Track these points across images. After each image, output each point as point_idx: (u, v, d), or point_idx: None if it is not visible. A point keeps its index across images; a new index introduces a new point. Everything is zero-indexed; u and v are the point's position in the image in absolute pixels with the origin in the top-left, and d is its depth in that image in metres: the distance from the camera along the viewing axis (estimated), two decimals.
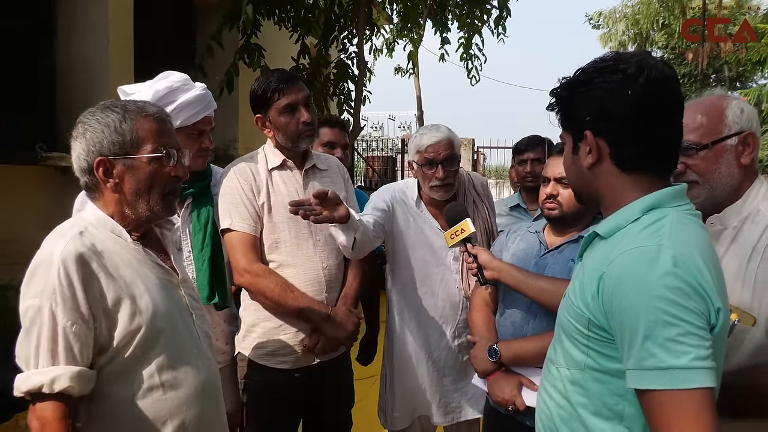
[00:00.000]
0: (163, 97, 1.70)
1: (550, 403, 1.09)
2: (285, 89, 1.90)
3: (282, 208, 1.91)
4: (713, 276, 0.91)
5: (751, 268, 1.22)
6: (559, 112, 1.09)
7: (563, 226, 1.78)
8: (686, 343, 0.84)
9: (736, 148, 1.29)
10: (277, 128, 1.94)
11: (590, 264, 1.03)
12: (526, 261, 1.80)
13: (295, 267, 1.90)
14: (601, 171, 1.03)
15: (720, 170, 1.29)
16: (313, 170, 2.03)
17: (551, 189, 1.75)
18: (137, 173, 1.25)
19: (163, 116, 1.31)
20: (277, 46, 5.04)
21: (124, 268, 1.22)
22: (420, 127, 2.19)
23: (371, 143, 13.81)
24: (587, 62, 1.05)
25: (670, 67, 1.01)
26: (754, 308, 1.20)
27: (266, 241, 1.91)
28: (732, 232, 1.28)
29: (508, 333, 1.80)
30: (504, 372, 1.74)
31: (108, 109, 1.26)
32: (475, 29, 6.39)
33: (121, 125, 1.24)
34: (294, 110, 1.92)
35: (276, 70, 2.06)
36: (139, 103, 1.30)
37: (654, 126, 0.98)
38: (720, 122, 1.29)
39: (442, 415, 2.12)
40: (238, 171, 1.92)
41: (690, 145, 1.29)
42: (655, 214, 0.97)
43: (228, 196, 1.90)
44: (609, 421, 0.98)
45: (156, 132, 1.26)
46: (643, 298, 0.87)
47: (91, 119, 1.26)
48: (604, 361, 0.97)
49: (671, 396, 0.84)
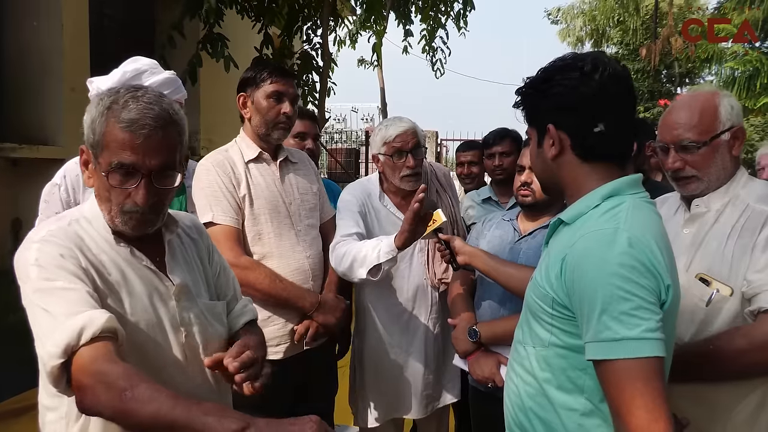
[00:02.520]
0: (130, 79, 1.67)
1: (517, 380, 1.16)
2: (278, 78, 1.93)
3: (263, 200, 1.92)
4: (665, 256, 0.99)
5: (729, 245, 1.34)
6: (524, 109, 1.18)
7: (536, 212, 1.87)
8: (638, 316, 0.93)
9: (728, 142, 1.39)
10: (258, 110, 1.94)
11: (555, 248, 1.10)
12: (502, 247, 1.89)
13: (279, 258, 1.91)
14: (564, 162, 1.11)
15: (716, 164, 1.39)
16: (286, 163, 2.04)
17: (525, 177, 1.84)
18: (97, 178, 1.10)
19: (139, 128, 1.04)
20: (240, 36, 4.97)
21: (110, 267, 1.10)
22: (382, 120, 2.20)
23: (334, 135, 13.75)
24: (548, 61, 1.13)
25: (623, 65, 1.10)
26: (731, 280, 1.31)
27: (249, 233, 1.91)
28: (715, 215, 1.40)
29: (487, 315, 1.89)
30: (483, 351, 1.82)
31: (106, 96, 1.09)
32: (438, 22, 6.46)
33: (96, 122, 1.07)
34: (280, 99, 1.93)
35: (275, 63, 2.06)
36: (131, 104, 1.06)
37: (608, 118, 1.06)
38: (715, 120, 1.38)
39: (422, 408, 2.14)
40: (216, 164, 1.90)
41: (690, 143, 1.38)
42: (614, 200, 1.06)
43: (207, 190, 1.87)
44: (571, 394, 1.05)
45: (120, 143, 1.04)
46: (601, 276, 0.95)
47: (92, 101, 1.12)
48: (567, 338, 1.04)
49: (624, 365, 0.92)
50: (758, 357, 1.24)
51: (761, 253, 1.29)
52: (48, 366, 0.95)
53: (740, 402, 1.31)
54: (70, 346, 0.94)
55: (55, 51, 3.81)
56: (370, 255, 1.82)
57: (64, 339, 0.94)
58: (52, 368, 0.95)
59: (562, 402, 1.06)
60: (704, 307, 1.33)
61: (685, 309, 1.35)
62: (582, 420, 1.04)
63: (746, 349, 1.25)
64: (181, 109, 1.14)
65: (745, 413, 1.31)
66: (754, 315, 1.28)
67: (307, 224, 2.02)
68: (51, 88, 3.94)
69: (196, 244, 1.30)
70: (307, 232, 2.02)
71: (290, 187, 2.02)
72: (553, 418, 1.07)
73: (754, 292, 1.27)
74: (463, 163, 3.02)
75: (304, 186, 2.07)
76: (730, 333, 1.30)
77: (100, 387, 0.92)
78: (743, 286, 1.30)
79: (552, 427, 1.08)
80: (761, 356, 1.24)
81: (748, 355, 1.25)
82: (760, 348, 1.24)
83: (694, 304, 1.35)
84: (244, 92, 1.97)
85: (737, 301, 1.31)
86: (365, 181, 2.23)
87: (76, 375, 0.95)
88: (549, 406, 1.08)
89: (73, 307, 0.98)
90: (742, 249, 1.32)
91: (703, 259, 1.38)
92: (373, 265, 1.81)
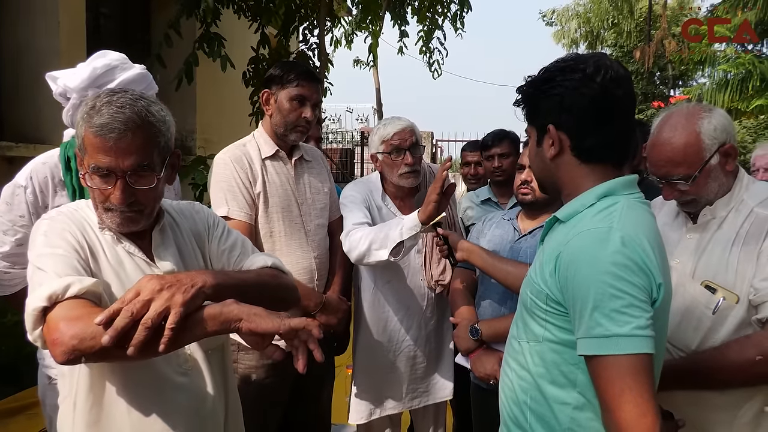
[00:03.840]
0: (101, 75, 1.63)
1: (512, 375, 1.19)
2: (305, 82, 1.95)
3: (276, 198, 1.95)
4: (657, 255, 1.02)
5: (734, 251, 1.33)
6: (525, 108, 1.19)
7: (536, 210, 1.90)
8: (629, 313, 0.95)
9: (720, 162, 1.37)
10: (280, 110, 1.96)
11: (550, 245, 1.13)
12: (502, 246, 1.92)
13: (287, 256, 1.93)
14: (563, 162, 1.13)
15: (712, 186, 1.38)
16: (301, 162, 2.07)
17: (526, 175, 1.86)
18: (86, 178, 1.14)
19: (108, 132, 1.08)
20: (236, 35, 4.98)
21: (107, 252, 1.17)
22: (379, 120, 2.22)
23: (329, 135, 13.75)
24: (550, 62, 1.15)
25: (624, 67, 1.12)
26: (737, 287, 1.31)
27: (261, 230, 1.93)
28: (718, 220, 1.40)
29: (488, 313, 1.91)
30: (485, 349, 1.85)
31: (89, 101, 1.13)
32: (435, 23, 6.48)
33: (78, 126, 1.13)
34: (303, 103, 1.96)
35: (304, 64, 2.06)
36: (104, 110, 1.09)
37: (609, 120, 1.08)
38: (699, 150, 1.35)
39: (408, 400, 2.18)
40: (234, 159, 1.92)
41: (680, 179, 1.37)
42: (609, 200, 1.08)
43: (224, 184, 1.89)
44: (564, 388, 1.08)
45: (94, 147, 1.10)
46: (594, 273, 0.98)
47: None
48: (560, 333, 1.07)
49: (614, 360, 0.95)
50: (767, 368, 1.23)
51: (767, 261, 1.28)
52: (30, 308, 1.02)
53: (744, 405, 1.31)
54: (56, 295, 1.01)
55: (51, 50, 3.81)
56: (393, 233, 1.84)
57: (52, 288, 1.01)
58: (34, 310, 1.01)
59: (555, 396, 1.08)
60: (711, 315, 1.33)
61: (692, 317, 1.36)
62: (574, 414, 1.06)
63: (756, 360, 1.24)
64: (162, 110, 1.17)
65: (748, 416, 1.31)
66: (762, 323, 1.27)
67: (316, 224, 2.05)
68: (47, 88, 3.93)
69: (192, 223, 1.34)
70: (317, 232, 2.05)
71: (303, 187, 2.05)
72: (547, 412, 1.09)
73: (761, 300, 1.27)
74: (469, 163, 3.03)
75: (317, 186, 2.10)
76: (741, 342, 1.29)
77: (66, 331, 0.97)
78: (750, 294, 1.29)
79: (545, 420, 1.10)
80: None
81: (759, 365, 1.24)
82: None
83: (701, 311, 1.35)
84: (268, 89, 1.99)
85: (743, 308, 1.30)
86: (367, 180, 2.26)
87: (48, 320, 1.01)
88: (542, 400, 1.10)
89: (66, 269, 1.06)
90: (747, 255, 1.31)
91: (707, 266, 1.37)
92: (396, 243, 1.82)
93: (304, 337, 1.03)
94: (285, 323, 1.00)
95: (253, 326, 1.00)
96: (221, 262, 1.33)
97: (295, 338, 1.03)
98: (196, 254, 1.31)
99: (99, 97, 1.13)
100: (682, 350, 1.38)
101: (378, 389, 2.16)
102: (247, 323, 1.00)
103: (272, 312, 1.03)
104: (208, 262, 1.33)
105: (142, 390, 1.15)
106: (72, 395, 1.15)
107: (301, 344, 1.04)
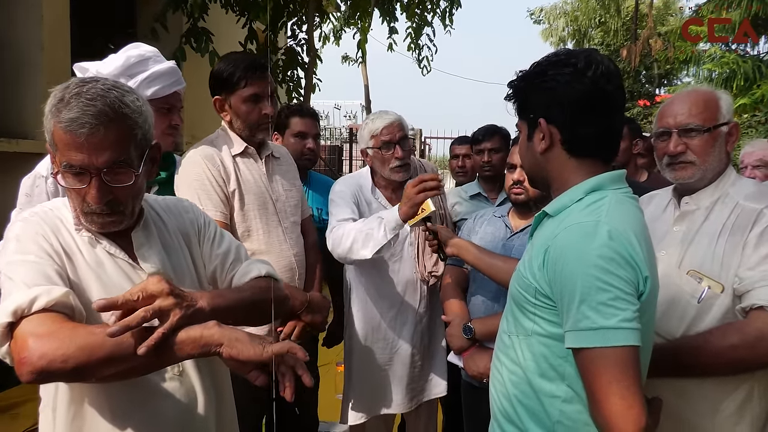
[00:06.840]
0: (135, 64, 1.62)
1: (502, 369, 1.19)
2: (253, 78, 1.86)
3: (252, 195, 1.90)
4: (644, 249, 1.03)
5: (720, 242, 1.36)
6: (516, 102, 1.19)
7: (528, 209, 1.90)
8: (615, 306, 0.96)
9: (726, 136, 1.44)
10: (237, 115, 1.90)
11: (539, 240, 1.13)
12: (494, 244, 1.92)
13: (268, 255, 1.88)
14: (553, 156, 1.14)
15: (714, 154, 1.43)
16: (270, 159, 2.02)
17: (518, 175, 1.86)
18: (59, 177, 1.06)
19: (79, 127, 1.00)
20: (224, 30, 4.93)
21: (86, 255, 1.10)
22: (368, 116, 2.20)
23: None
24: (542, 57, 1.15)
25: (615, 63, 1.12)
26: (722, 277, 1.34)
27: (239, 229, 1.88)
28: (705, 212, 1.43)
29: (481, 311, 1.91)
30: (478, 348, 1.84)
31: (57, 92, 1.04)
32: (424, 20, 6.47)
33: (47, 120, 1.04)
34: (258, 101, 1.88)
35: (242, 54, 2.01)
36: (72, 102, 1.01)
37: (600, 114, 1.09)
38: (717, 111, 1.43)
39: (408, 401, 2.16)
40: (205, 157, 1.84)
41: (696, 126, 1.42)
42: (596, 195, 1.09)
43: (197, 183, 1.81)
44: (553, 382, 1.08)
45: (65, 143, 1.02)
46: (581, 266, 0.99)
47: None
48: (548, 327, 1.07)
49: (601, 353, 0.96)
50: (747, 353, 1.26)
51: (752, 251, 1.31)
52: None
53: (727, 397, 1.33)
54: (21, 309, 0.95)
55: (34, 43, 3.73)
56: (376, 234, 1.83)
57: (17, 302, 0.95)
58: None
59: (545, 389, 1.09)
60: (696, 304, 1.35)
61: (677, 305, 1.38)
62: (563, 406, 1.07)
63: (738, 345, 1.27)
64: (138, 100, 1.08)
65: (731, 408, 1.33)
66: (746, 312, 1.29)
67: (292, 221, 2.01)
68: (30, 82, 3.86)
69: (179, 221, 1.27)
70: (293, 230, 2.01)
71: (276, 184, 2.00)
72: (536, 405, 1.10)
73: (745, 289, 1.29)
74: (457, 155, 3.10)
75: (288, 183, 2.06)
76: (723, 329, 1.31)
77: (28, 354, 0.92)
78: (735, 283, 1.31)
79: (535, 413, 1.10)
80: (750, 353, 1.26)
81: (739, 351, 1.26)
82: (751, 344, 1.25)
83: (686, 300, 1.37)
84: (219, 95, 1.91)
85: (728, 297, 1.33)
86: (356, 175, 2.24)
87: (15, 337, 0.95)
88: (532, 393, 1.11)
89: (36, 278, 1.00)
90: (732, 246, 1.34)
91: (694, 257, 1.40)
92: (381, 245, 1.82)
93: (291, 362, 0.99)
94: (267, 351, 0.96)
95: (234, 353, 0.96)
96: (214, 266, 1.28)
97: (281, 364, 0.98)
98: (184, 254, 1.24)
99: (68, 87, 1.03)
100: (666, 338, 1.39)
101: (376, 390, 2.14)
102: (228, 349, 0.96)
103: (254, 336, 0.99)
104: (198, 262, 1.27)
105: (128, 396, 1.09)
106: (51, 404, 1.10)
107: (288, 370, 0.99)
